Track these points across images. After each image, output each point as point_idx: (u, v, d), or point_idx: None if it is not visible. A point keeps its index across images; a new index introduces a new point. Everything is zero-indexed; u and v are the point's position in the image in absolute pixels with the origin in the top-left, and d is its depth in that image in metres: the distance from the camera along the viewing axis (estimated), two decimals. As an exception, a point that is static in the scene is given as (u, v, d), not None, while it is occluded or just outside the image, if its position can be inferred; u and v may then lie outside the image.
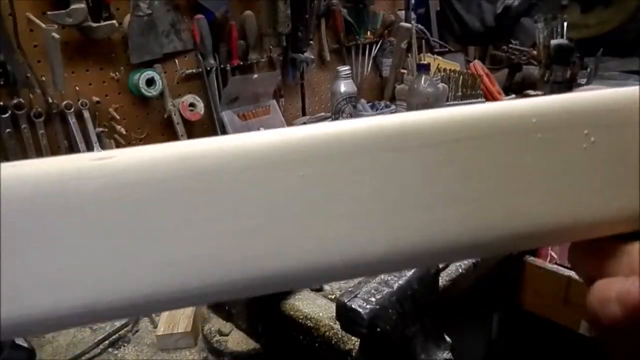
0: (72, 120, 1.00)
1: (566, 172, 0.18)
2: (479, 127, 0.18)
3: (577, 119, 0.18)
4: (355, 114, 1.36)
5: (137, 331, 0.76)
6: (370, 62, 1.62)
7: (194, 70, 1.18)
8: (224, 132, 1.24)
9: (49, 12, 0.91)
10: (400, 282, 0.50)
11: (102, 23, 0.97)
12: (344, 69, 1.39)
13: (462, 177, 0.17)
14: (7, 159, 0.88)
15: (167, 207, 0.15)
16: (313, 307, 0.60)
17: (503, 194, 0.18)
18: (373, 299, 0.49)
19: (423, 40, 1.64)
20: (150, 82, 1.08)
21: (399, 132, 0.17)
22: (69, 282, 0.15)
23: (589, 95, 0.19)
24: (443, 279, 0.73)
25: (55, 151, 0.99)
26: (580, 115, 0.18)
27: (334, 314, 0.53)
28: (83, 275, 0.15)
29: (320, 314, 0.59)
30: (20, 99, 0.92)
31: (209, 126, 1.25)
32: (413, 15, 1.63)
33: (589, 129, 0.18)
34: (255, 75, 1.28)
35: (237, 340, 0.69)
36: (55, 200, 0.15)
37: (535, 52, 1.57)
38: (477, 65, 1.55)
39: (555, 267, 0.89)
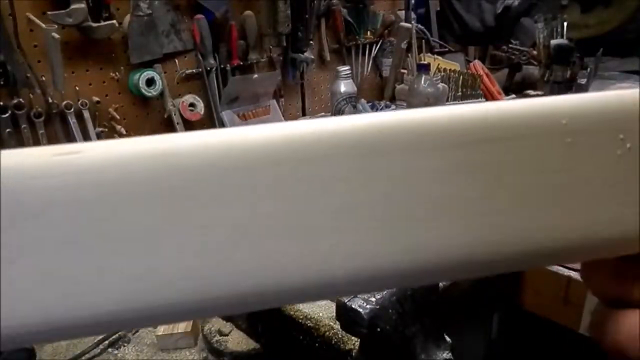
0: (72, 120, 1.00)
1: (597, 181, 0.16)
2: (500, 129, 0.15)
3: (612, 121, 0.16)
4: (355, 114, 1.36)
5: (137, 331, 0.76)
6: (370, 62, 1.62)
7: (194, 70, 1.18)
8: (224, 132, 1.25)
9: (49, 12, 0.91)
10: (400, 282, 0.50)
11: (102, 23, 0.97)
12: (344, 69, 1.39)
13: (481, 185, 0.15)
14: (7, 159, 0.87)
15: (143, 212, 0.13)
16: (313, 307, 0.60)
17: (526, 205, 0.16)
18: (373, 299, 0.49)
19: (423, 40, 1.64)
20: (150, 82, 1.08)
21: (412, 131, 0.15)
22: (22, 299, 0.13)
23: (624, 95, 0.16)
24: (443, 279, 0.73)
25: (55, 151, 0.99)
26: (616, 118, 0.16)
27: (334, 314, 0.53)
28: (37, 290, 0.13)
29: (320, 314, 0.59)
30: (20, 99, 0.92)
31: (209, 126, 1.25)
32: (413, 15, 1.63)
33: (625, 134, 0.16)
34: (255, 75, 1.28)
35: (237, 340, 0.69)
36: (8, 203, 0.13)
37: (535, 52, 1.57)
38: (477, 65, 1.55)
39: (555, 267, 0.89)
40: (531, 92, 1.55)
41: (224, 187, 0.14)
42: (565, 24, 1.51)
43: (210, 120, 1.24)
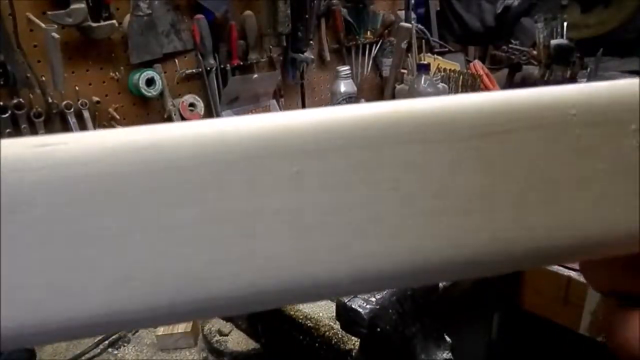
0: (72, 120, 1.00)
1: (608, 175, 0.15)
2: (503, 120, 0.14)
3: (623, 111, 0.15)
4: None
5: (137, 331, 0.76)
6: (370, 62, 1.62)
7: (194, 70, 1.18)
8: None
9: (49, 12, 0.91)
10: (400, 282, 0.50)
11: (102, 23, 0.97)
12: (344, 69, 1.39)
13: (486, 180, 0.14)
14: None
15: (129, 208, 0.13)
16: (313, 307, 0.60)
17: (532, 201, 0.15)
18: (373, 299, 0.49)
19: (423, 40, 1.64)
20: (150, 82, 1.08)
21: (419, 122, 0.14)
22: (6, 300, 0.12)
23: (636, 83, 0.16)
24: (443, 279, 0.73)
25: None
26: (628, 107, 0.15)
27: (334, 314, 0.53)
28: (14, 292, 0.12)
29: (320, 314, 0.59)
30: (20, 99, 0.92)
31: (209, 126, 1.25)
32: (413, 15, 1.63)
33: (637, 124, 0.15)
34: (255, 75, 1.28)
35: (237, 340, 0.69)
36: None
37: (535, 52, 1.57)
38: (477, 65, 1.55)
39: (555, 267, 0.89)
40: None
41: (221, 181, 0.13)
42: (565, 24, 1.51)
43: (210, 120, 1.24)
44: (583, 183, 0.15)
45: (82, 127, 1.02)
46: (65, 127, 1.00)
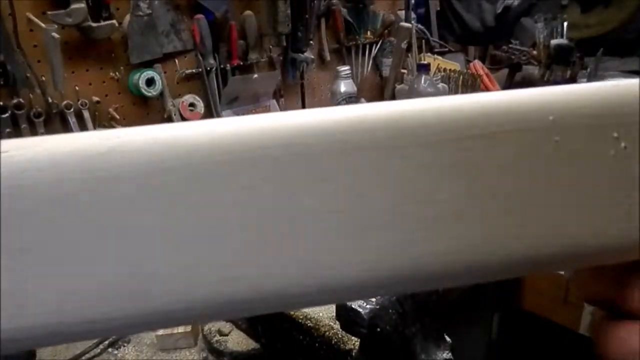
0: (72, 120, 1.00)
1: (589, 185, 0.14)
2: (479, 125, 0.14)
3: (604, 117, 0.14)
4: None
5: (137, 331, 0.76)
6: (370, 62, 1.62)
7: (194, 70, 1.18)
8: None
9: (49, 12, 0.91)
10: (400, 282, 0.50)
11: (102, 23, 0.97)
12: (344, 69, 1.39)
13: (460, 188, 0.14)
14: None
15: (85, 217, 0.12)
16: (313, 307, 0.60)
17: (509, 210, 0.14)
18: (373, 299, 0.49)
19: (423, 40, 1.64)
20: (150, 82, 1.08)
21: (387, 127, 0.14)
22: None
23: (620, 86, 0.15)
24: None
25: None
26: (609, 113, 0.14)
27: (334, 314, 0.53)
28: None
29: (320, 314, 0.59)
30: (20, 99, 0.92)
31: (209, 126, 1.25)
32: (413, 15, 1.63)
33: (619, 131, 0.14)
34: (255, 75, 1.28)
35: (237, 340, 0.69)
36: None
37: (535, 52, 1.57)
38: (477, 65, 1.55)
39: (555, 267, 0.89)
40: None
41: (175, 187, 0.13)
42: (565, 24, 1.51)
43: (210, 120, 1.24)
44: (564, 190, 0.14)
45: (82, 127, 1.02)
46: (65, 127, 1.00)
